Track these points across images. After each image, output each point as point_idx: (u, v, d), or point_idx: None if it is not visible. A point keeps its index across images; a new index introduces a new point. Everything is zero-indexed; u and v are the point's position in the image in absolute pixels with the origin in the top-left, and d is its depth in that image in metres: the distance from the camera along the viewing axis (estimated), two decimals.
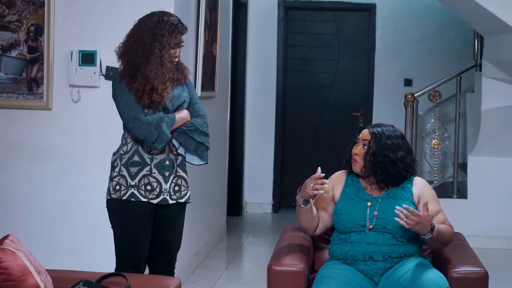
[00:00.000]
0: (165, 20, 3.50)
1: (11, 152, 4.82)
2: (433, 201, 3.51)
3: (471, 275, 3.36)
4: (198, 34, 5.34)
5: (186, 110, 3.62)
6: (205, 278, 5.48)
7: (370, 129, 3.52)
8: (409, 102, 6.73)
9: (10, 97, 4.78)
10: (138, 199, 3.52)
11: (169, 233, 3.65)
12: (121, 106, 3.51)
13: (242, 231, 7.30)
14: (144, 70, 3.44)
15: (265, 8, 8.02)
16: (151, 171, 3.53)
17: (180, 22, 3.56)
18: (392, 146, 3.46)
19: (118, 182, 3.55)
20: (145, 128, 3.44)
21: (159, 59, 3.45)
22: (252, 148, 8.07)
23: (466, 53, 7.56)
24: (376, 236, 3.42)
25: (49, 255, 4.26)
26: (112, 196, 3.56)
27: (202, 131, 3.60)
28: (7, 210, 4.82)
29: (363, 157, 3.48)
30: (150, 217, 3.57)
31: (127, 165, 3.54)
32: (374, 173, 3.47)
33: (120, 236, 3.60)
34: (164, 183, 3.55)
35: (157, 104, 3.47)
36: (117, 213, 3.58)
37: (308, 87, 8.20)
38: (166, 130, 3.47)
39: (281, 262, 3.43)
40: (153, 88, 3.43)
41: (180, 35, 3.53)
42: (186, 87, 3.65)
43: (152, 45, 3.45)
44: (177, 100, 3.57)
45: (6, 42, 4.77)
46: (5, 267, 2.75)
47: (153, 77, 3.43)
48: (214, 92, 5.97)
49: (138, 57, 3.46)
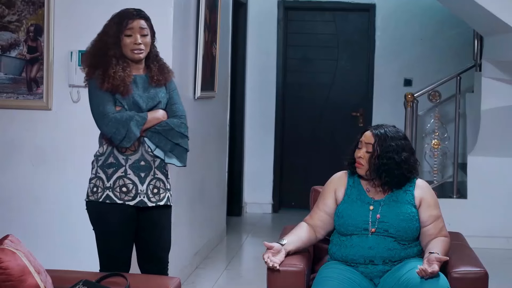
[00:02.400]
0: (114, 14, 3.54)
1: (10, 152, 4.82)
2: (433, 206, 3.51)
3: (471, 275, 3.36)
4: (198, 34, 5.34)
5: (162, 110, 3.57)
6: (205, 278, 5.48)
7: (373, 131, 3.49)
8: (408, 102, 6.73)
9: (9, 97, 4.78)
10: (113, 201, 3.48)
11: (154, 234, 3.60)
12: (91, 103, 3.51)
13: (242, 231, 7.30)
14: (104, 64, 3.46)
15: (264, 8, 8.02)
16: (126, 172, 3.49)
17: (135, 9, 3.53)
18: (396, 147, 3.44)
19: (95, 184, 3.52)
20: (112, 125, 3.41)
21: (109, 49, 3.45)
22: (251, 148, 8.07)
23: (466, 53, 7.56)
24: (378, 240, 3.41)
25: (49, 255, 4.25)
26: (90, 198, 3.54)
27: (178, 131, 3.53)
28: (7, 210, 4.82)
29: (367, 160, 3.46)
30: (130, 218, 3.52)
31: (103, 167, 3.51)
32: (379, 176, 3.46)
33: (100, 238, 3.58)
34: (140, 184, 3.50)
35: (117, 88, 3.43)
36: (95, 215, 3.56)
37: (307, 87, 8.20)
38: (135, 128, 3.43)
39: (281, 262, 3.43)
40: (108, 74, 3.43)
41: (129, 20, 3.48)
42: (165, 88, 3.61)
43: (104, 40, 3.48)
44: (152, 100, 3.53)
45: (5, 42, 4.76)
46: (4, 267, 2.74)
47: (107, 65, 3.44)
48: (214, 92, 5.98)
49: (97, 56, 3.49)
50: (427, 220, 3.47)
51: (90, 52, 3.56)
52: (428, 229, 3.46)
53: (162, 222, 3.63)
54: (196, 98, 5.40)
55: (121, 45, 3.47)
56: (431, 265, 3.21)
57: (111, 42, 3.47)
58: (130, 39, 3.48)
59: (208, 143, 6.05)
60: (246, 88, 8.00)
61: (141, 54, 3.52)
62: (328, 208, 3.58)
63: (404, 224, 3.42)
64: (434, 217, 3.48)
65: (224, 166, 6.85)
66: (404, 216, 3.43)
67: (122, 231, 3.53)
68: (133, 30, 3.48)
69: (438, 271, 3.21)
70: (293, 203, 8.16)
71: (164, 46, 4.68)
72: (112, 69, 3.44)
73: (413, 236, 3.44)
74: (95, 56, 3.51)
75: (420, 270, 3.19)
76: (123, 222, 3.52)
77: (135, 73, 3.53)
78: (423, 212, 3.48)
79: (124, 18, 3.49)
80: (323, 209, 3.59)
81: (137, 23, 3.49)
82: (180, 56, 4.99)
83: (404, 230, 3.41)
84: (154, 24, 3.61)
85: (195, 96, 5.38)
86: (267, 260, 3.36)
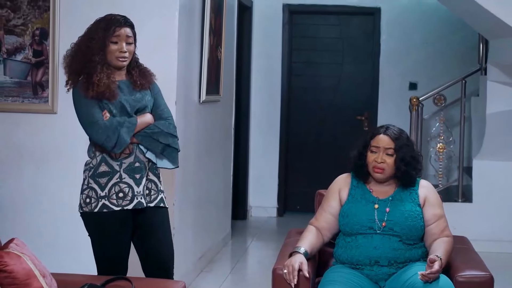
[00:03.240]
0: (103, 18, 3.51)
1: (16, 156, 4.83)
2: (437, 206, 3.52)
3: (476, 279, 3.35)
4: (203, 38, 5.34)
5: (150, 114, 3.56)
6: (209, 282, 5.47)
7: (388, 134, 3.48)
8: (414, 106, 6.72)
9: (15, 101, 4.79)
10: (110, 209, 3.45)
11: (154, 238, 3.58)
12: (78, 112, 3.47)
13: (247, 234, 7.30)
14: (82, 67, 3.43)
15: (269, 12, 8.02)
16: (121, 177, 3.47)
17: (122, 17, 3.51)
18: (411, 146, 3.50)
19: (87, 195, 3.48)
20: (102, 132, 3.38)
21: (94, 55, 3.41)
22: (256, 151, 8.07)
23: (471, 57, 7.55)
24: (383, 240, 3.42)
25: (54, 258, 4.25)
26: (84, 209, 3.50)
27: (167, 132, 3.52)
28: (12, 213, 4.82)
29: (392, 165, 3.46)
30: (127, 223, 3.51)
31: (95, 177, 3.48)
32: (399, 178, 3.47)
33: (97, 244, 3.55)
34: (135, 186, 3.48)
35: (102, 95, 3.40)
36: (92, 224, 3.52)
37: (312, 91, 8.20)
38: (125, 135, 3.40)
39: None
40: (92, 82, 3.39)
41: (116, 27, 3.45)
42: (150, 92, 3.60)
43: (85, 43, 3.45)
44: (138, 103, 3.52)
45: (11, 46, 4.77)
46: (10, 270, 2.75)
47: (91, 72, 3.41)
48: (219, 96, 5.98)
49: (81, 62, 3.45)
50: (430, 219, 3.48)
51: (72, 56, 3.51)
52: (431, 228, 3.47)
53: (160, 225, 3.61)
54: (201, 102, 5.40)
55: (106, 51, 3.45)
56: (430, 267, 3.22)
57: (96, 47, 3.43)
58: (116, 46, 3.45)
59: (213, 146, 6.05)
60: (251, 92, 8.01)
61: (125, 62, 3.50)
62: (333, 209, 3.59)
63: (409, 223, 3.43)
64: (438, 216, 3.49)
65: (229, 169, 6.85)
66: (409, 215, 3.45)
67: (119, 236, 3.52)
68: (119, 37, 3.46)
69: (439, 270, 3.22)
70: (298, 206, 8.16)
71: (169, 49, 4.73)
72: (97, 76, 3.40)
73: (417, 235, 3.44)
74: (79, 62, 3.46)
75: (422, 276, 3.20)
76: (121, 227, 3.51)
77: (118, 78, 3.51)
78: (427, 211, 3.49)
79: (111, 24, 3.46)
80: (328, 211, 3.60)
81: (124, 30, 3.47)
82: (185, 59, 5.00)
83: (409, 228, 3.42)
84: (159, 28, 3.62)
85: (200, 100, 5.39)
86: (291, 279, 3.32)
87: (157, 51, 4.54)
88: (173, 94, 4.68)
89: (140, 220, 3.56)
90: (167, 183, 4.05)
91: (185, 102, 5.03)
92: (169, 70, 4.71)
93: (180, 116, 4.80)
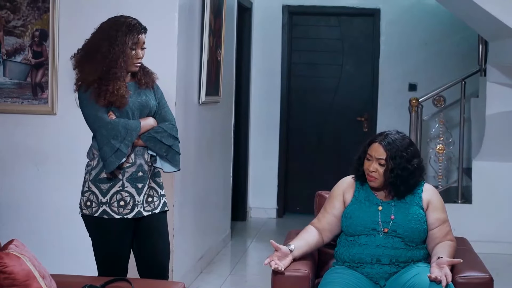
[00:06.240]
0: (120, 21, 3.48)
1: (15, 157, 4.83)
2: (440, 210, 3.53)
3: (476, 280, 3.36)
4: (203, 39, 5.34)
5: (152, 117, 3.56)
6: (209, 283, 5.47)
7: (382, 143, 3.46)
8: (413, 107, 6.72)
9: (14, 102, 4.79)
10: (110, 216, 3.46)
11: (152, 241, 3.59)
12: (86, 110, 3.44)
13: (246, 236, 7.29)
14: (101, 73, 3.40)
15: (269, 13, 8.03)
16: (124, 186, 3.47)
17: (138, 22, 3.51)
18: (407, 157, 3.45)
19: (88, 198, 3.49)
20: (112, 128, 3.37)
21: (115, 62, 3.40)
22: (256, 153, 8.06)
23: (471, 58, 7.55)
24: (386, 240, 3.42)
25: (54, 259, 4.25)
26: (84, 212, 3.51)
27: (170, 134, 3.54)
28: (11, 214, 4.82)
29: (382, 174, 3.45)
30: (127, 228, 3.51)
31: (96, 182, 3.47)
32: (393, 186, 3.47)
33: (97, 246, 3.56)
34: (137, 195, 3.49)
35: (113, 103, 3.40)
36: (92, 226, 3.53)
37: (312, 92, 8.20)
38: (124, 148, 3.38)
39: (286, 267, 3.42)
40: (107, 90, 3.37)
41: (138, 35, 3.46)
42: (154, 94, 3.61)
43: (106, 47, 3.41)
44: (144, 107, 3.52)
45: (11, 47, 4.78)
46: (9, 271, 2.75)
47: (109, 78, 3.38)
48: (218, 97, 5.98)
49: (99, 64, 3.41)
50: (433, 222, 3.48)
51: (89, 57, 3.46)
52: (434, 232, 3.48)
53: (159, 228, 3.62)
54: (201, 103, 5.41)
55: (126, 57, 3.44)
56: (442, 269, 3.22)
57: (119, 52, 3.41)
58: (133, 52, 3.47)
59: (213, 147, 6.05)
60: (251, 93, 8.00)
61: (138, 67, 3.54)
62: (336, 211, 3.59)
63: (413, 225, 3.43)
64: (441, 221, 3.49)
65: (228, 170, 6.85)
66: (412, 217, 3.45)
67: (120, 239, 3.53)
68: (138, 44, 3.48)
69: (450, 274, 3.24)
70: (298, 208, 8.16)
71: (168, 50, 4.73)
72: (116, 85, 3.39)
73: (420, 238, 3.45)
74: (99, 64, 3.41)
75: (435, 278, 3.20)
76: (121, 232, 3.51)
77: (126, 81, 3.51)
78: (430, 214, 3.49)
79: (133, 31, 3.46)
80: (331, 212, 3.60)
81: (142, 37, 3.50)
82: (185, 60, 5.00)
83: (412, 231, 3.43)
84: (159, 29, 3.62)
85: (200, 101, 5.39)
86: (270, 263, 3.35)
87: (157, 52, 4.53)
88: (172, 95, 4.68)
89: (140, 223, 3.57)
90: (167, 184, 4.05)
91: (185, 103, 5.03)
92: (169, 71, 4.71)
93: (180, 117, 4.80)
